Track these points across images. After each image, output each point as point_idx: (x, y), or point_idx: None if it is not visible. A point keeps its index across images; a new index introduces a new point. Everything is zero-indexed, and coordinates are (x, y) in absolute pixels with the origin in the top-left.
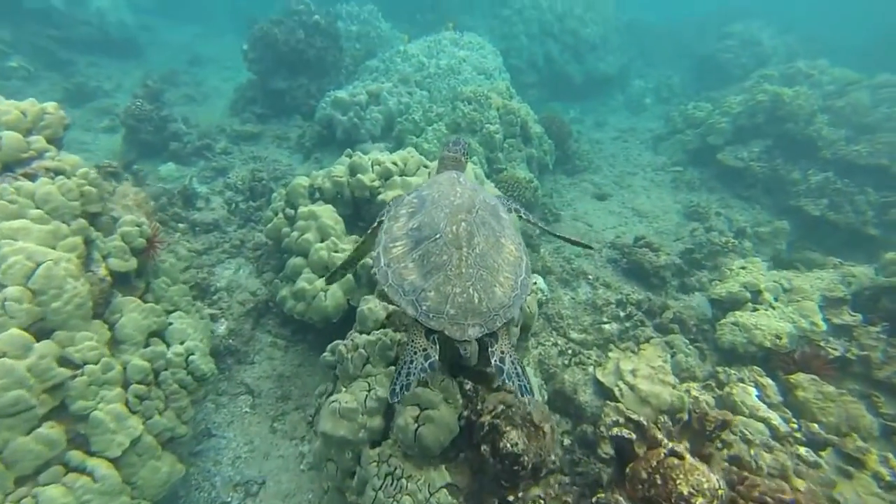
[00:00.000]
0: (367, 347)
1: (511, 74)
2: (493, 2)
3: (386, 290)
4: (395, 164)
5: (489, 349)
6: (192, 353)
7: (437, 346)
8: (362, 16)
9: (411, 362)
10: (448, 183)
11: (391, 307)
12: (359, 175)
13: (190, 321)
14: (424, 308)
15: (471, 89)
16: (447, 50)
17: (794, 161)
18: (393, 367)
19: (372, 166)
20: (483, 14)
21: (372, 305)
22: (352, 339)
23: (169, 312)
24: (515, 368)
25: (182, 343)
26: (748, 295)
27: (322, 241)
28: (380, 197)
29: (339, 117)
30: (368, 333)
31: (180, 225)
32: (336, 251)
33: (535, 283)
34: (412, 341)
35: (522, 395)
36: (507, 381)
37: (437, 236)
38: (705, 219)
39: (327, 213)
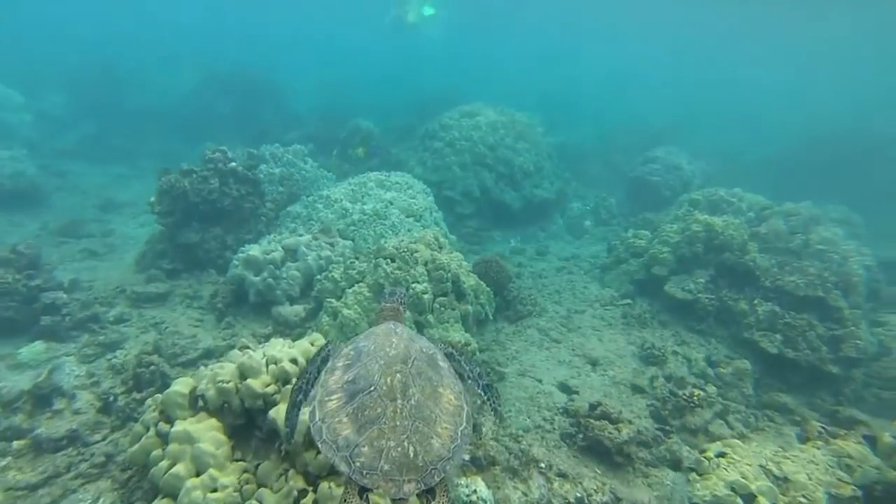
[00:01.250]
0: None
1: (446, 207)
2: (424, 134)
3: (320, 446)
4: (293, 361)
5: None
6: None
7: None
8: (286, 157)
9: None
10: (384, 334)
11: None
12: (249, 380)
13: None
14: (358, 465)
15: (394, 244)
16: (373, 193)
17: (738, 289)
18: None
19: (267, 365)
20: (413, 147)
21: None
22: None
23: None
24: None
25: None
26: (739, 501)
27: (198, 474)
28: (271, 413)
29: (252, 278)
30: None
31: (14, 444)
32: (214, 489)
33: (476, 492)
34: (345, 500)
35: None
36: None
37: (372, 388)
38: (663, 362)
39: (207, 435)
